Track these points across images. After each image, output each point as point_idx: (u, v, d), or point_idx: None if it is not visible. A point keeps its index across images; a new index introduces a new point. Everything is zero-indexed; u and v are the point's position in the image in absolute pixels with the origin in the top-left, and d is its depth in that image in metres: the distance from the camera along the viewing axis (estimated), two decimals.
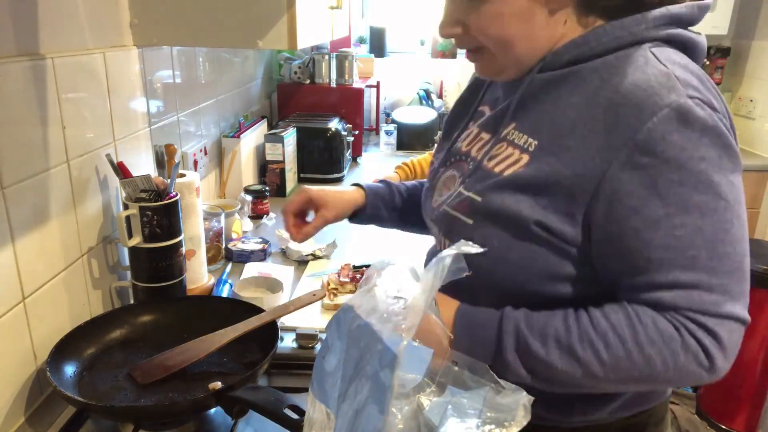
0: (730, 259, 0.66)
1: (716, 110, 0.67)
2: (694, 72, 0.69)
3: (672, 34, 0.72)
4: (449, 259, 0.61)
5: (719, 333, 0.65)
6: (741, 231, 0.68)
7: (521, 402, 0.59)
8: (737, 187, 0.67)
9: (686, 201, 0.65)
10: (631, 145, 0.65)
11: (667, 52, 0.71)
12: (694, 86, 0.67)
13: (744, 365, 2.37)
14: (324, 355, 0.69)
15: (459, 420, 0.59)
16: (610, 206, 0.67)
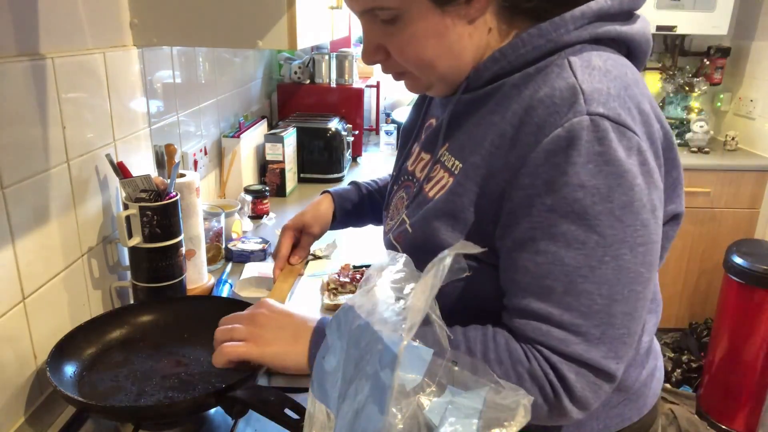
0: (590, 299, 0.61)
1: (627, 127, 0.61)
2: (616, 77, 0.63)
3: (597, 33, 0.66)
4: (449, 259, 0.61)
5: (565, 373, 0.62)
6: (615, 273, 0.61)
7: (521, 402, 0.59)
8: (627, 224, 0.60)
9: (553, 228, 0.61)
10: (521, 164, 0.63)
11: (588, 56, 0.65)
12: (602, 100, 0.61)
13: (744, 365, 2.37)
14: (324, 355, 0.69)
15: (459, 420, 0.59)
16: (501, 225, 0.66)
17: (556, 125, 0.61)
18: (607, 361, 0.62)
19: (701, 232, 2.79)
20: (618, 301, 0.61)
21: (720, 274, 2.46)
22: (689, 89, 3.00)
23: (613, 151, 0.60)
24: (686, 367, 2.74)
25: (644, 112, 0.64)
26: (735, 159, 2.80)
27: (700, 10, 2.72)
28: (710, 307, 2.80)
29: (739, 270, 2.29)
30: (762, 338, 2.30)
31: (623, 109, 0.61)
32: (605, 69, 0.64)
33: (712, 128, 3.09)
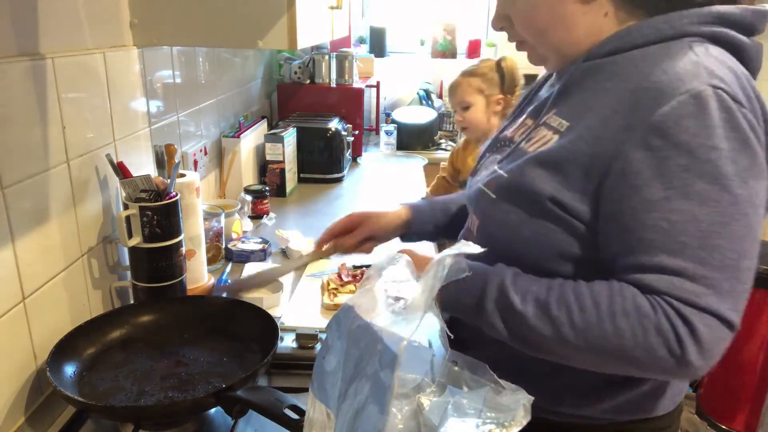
0: (722, 254, 0.65)
1: (742, 105, 0.66)
2: (730, 68, 0.69)
3: (717, 32, 0.71)
4: (449, 259, 0.61)
5: (696, 325, 0.64)
6: (744, 230, 0.65)
7: (521, 402, 0.59)
8: (751, 187, 0.65)
9: (688, 187, 0.65)
10: (646, 126, 0.66)
11: (708, 48, 0.70)
12: (720, 77, 0.66)
13: (744, 365, 2.37)
14: (324, 355, 0.69)
15: (459, 420, 0.59)
16: (617, 183, 0.68)
17: (680, 91, 0.66)
18: (732, 313, 0.65)
19: None
20: (745, 257, 0.66)
21: None
22: None
23: (736, 118, 0.65)
24: None
25: (751, 99, 0.69)
26: None
27: None
28: None
29: None
30: (762, 338, 2.29)
31: (738, 90, 0.67)
32: (722, 59, 0.70)
33: None
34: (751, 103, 0.68)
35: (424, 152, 2.80)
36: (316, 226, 1.76)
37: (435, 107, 3.01)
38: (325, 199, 2.09)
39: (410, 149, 2.82)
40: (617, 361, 0.67)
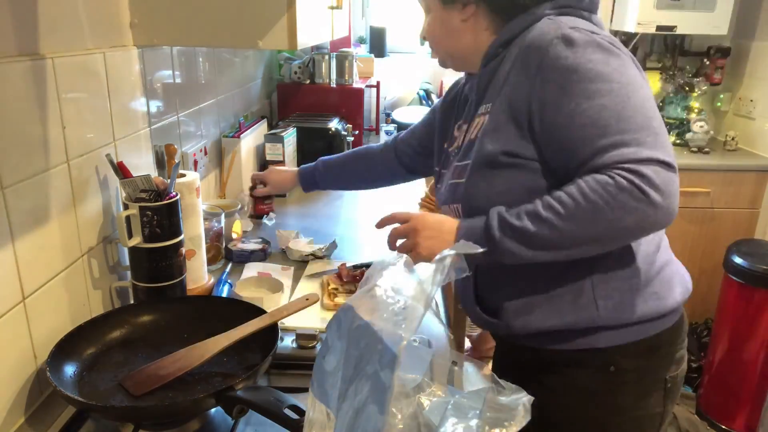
0: (635, 120, 0.82)
1: (596, 33, 0.87)
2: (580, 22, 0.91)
3: (564, 9, 0.95)
4: (449, 259, 0.61)
5: (644, 172, 0.79)
6: (641, 100, 0.84)
7: (521, 402, 0.59)
8: (627, 73, 0.85)
9: (587, 91, 0.83)
10: (537, 69, 0.87)
11: (561, 16, 0.93)
12: (573, 25, 0.88)
13: (744, 365, 2.37)
14: (324, 355, 0.69)
15: (459, 420, 0.59)
16: (540, 116, 0.88)
17: (550, 39, 0.87)
18: (666, 156, 0.81)
19: (701, 232, 2.79)
20: (652, 117, 0.84)
21: (720, 274, 2.46)
22: (689, 89, 3.00)
23: (596, 39, 0.86)
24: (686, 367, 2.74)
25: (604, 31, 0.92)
26: (735, 159, 2.80)
27: (700, 10, 2.72)
28: (710, 307, 2.80)
29: (739, 270, 2.29)
30: (762, 338, 2.29)
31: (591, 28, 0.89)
32: (573, 19, 0.92)
33: (712, 128, 3.09)
34: (602, 31, 0.90)
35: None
36: (316, 226, 1.77)
37: None
38: (325, 199, 2.09)
39: None
40: (608, 229, 0.82)
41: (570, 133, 0.85)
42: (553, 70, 0.86)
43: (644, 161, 0.80)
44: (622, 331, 0.94)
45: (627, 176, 0.80)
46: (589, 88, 0.83)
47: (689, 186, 2.72)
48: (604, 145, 0.82)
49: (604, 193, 0.80)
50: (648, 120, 0.83)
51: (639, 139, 0.81)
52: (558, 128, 0.86)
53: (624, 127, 0.82)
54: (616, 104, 0.82)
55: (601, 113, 0.82)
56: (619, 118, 0.82)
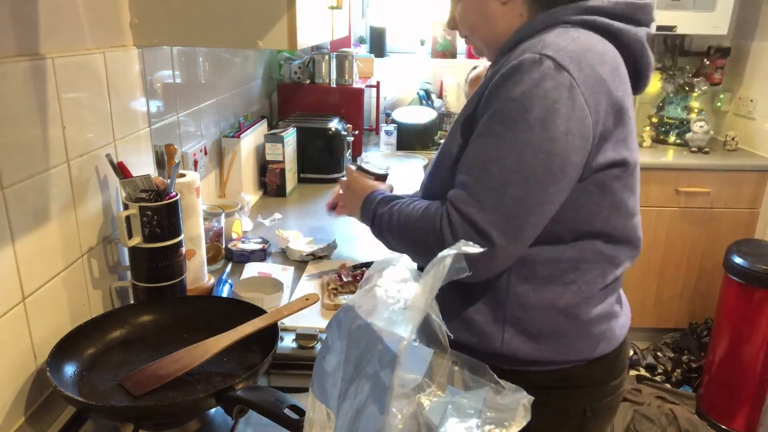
0: (492, 177, 0.82)
1: (565, 69, 0.80)
2: (580, 45, 0.84)
3: (585, 19, 0.88)
4: (449, 258, 0.61)
5: (456, 226, 0.83)
6: (515, 165, 0.81)
7: (521, 402, 0.59)
8: (536, 133, 0.80)
9: (491, 128, 0.83)
10: (490, 84, 0.85)
11: (571, 30, 0.87)
12: (555, 48, 0.82)
13: (744, 365, 2.37)
14: (324, 355, 0.69)
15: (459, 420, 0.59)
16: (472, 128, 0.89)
17: (514, 59, 0.83)
18: (492, 227, 0.82)
19: (701, 232, 2.79)
20: (512, 184, 0.81)
21: (720, 274, 2.46)
22: (689, 89, 3.00)
23: (546, 80, 0.80)
24: (686, 367, 2.74)
25: (595, 72, 0.83)
26: (735, 159, 2.80)
27: (700, 10, 2.72)
28: (710, 307, 2.80)
29: (739, 270, 2.29)
30: (762, 338, 2.29)
31: (571, 59, 0.81)
32: (576, 38, 0.85)
33: (712, 128, 3.09)
34: (592, 71, 0.82)
35: (424, 152, 2.80)
36: (316, 226, 1.77)
37: (435, 107, 3.01)
38: (325, 199, 2.08)
39: (410, 149, 2.81)
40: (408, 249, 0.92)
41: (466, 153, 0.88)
42: (491, 91, 0.85)
43: (463, 216, 0.83)
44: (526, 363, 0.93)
45: (442, 216, 0.85)
46: (493, 127, 0.83)
47: (689, 186, 2.72)
48: (459, 181, 0.86)
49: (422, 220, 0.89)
50: (503, 184, 0.82)
51: (479, 195, 0.83)
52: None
53: (478, 177, 0.83)
54: (495, 154, 0.82)
55: (479, 152, 0.85)
56: (482, 167, 0.83)
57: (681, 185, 2.72)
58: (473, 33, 1.01)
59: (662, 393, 2.54)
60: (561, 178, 0.83)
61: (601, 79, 0.83)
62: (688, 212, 2.76)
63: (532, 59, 0.81)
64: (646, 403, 2.42)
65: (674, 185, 2.72)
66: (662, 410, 2.36)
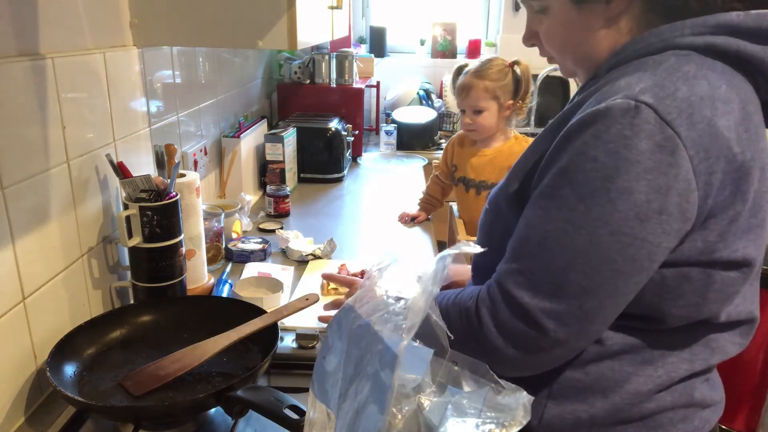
0: (552, 257, 0.65)
1: (670, 125, 0.60)
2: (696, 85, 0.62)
3: (713, 43, 0.65)
4: (449, 258, 0.61)
5: (499, 310, 0.67)
6: (584, 245, 0.63)
7: (521, 402, 0.59)
8: (617, 209, 0.61)
9: (555, 188, 0.65)
10: (562, 131, 0.67)
11: (686, 60, 0.64)
12: (659, 95, 0.61)
13: (744, 365, 2.37)
14: (325, 355, 0.69)
15: (459, 420, 0.59)
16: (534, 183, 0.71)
17: (602, 102, 0.63)
18: (547, 317, 0.65)
19: None
20: (576, 270, 0.63)
21: None
22: None
23: (639, 139, 0.60)
24: None
25: (713, 126, 0.61)
26: None
27: None
28: None
29: None
30: (762, 338, 2.29)
31: (680, 110, 0.60)
32: (692, 75, 0.63)
33: None
34: (708, 126, 0.61)
35: (424, 152, 2.80)
36: (316, 226, 1.77)
37: (435, 107, 3.01)
38: (325, 199, 2.09)
39: (410, 149, 2.82)
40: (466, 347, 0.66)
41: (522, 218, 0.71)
42: (563, 140, 0.66)
43: (511, 296, 0.66)
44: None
45: (480, 296, 0.70)
46: (561, 190, 0.65)
47: None
48: (509, 253, 0.70)
49: (453, 309, 0.73)
50: (566, 267, 0.64)
51: (534, 277, 0.65)
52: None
53: (535, 256, 0.66)
54: (557, 227, 0.65)
55: (537, 222, 0.67)
56: (541, 242, 0.66)
57: None
58: (565, 55, 0.80)
59: None
60: (647, 267, 0.64)
61: (716, 136, 0.61)
62: None
63: (625, 107, 0.61)
64: None
65: None
66: None
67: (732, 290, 0.70)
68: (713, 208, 0.64)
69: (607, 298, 0.65)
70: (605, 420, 0.73)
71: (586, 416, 0.73)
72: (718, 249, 0.66)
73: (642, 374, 0.72)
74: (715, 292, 0.69)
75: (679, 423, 0.75)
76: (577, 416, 0.73)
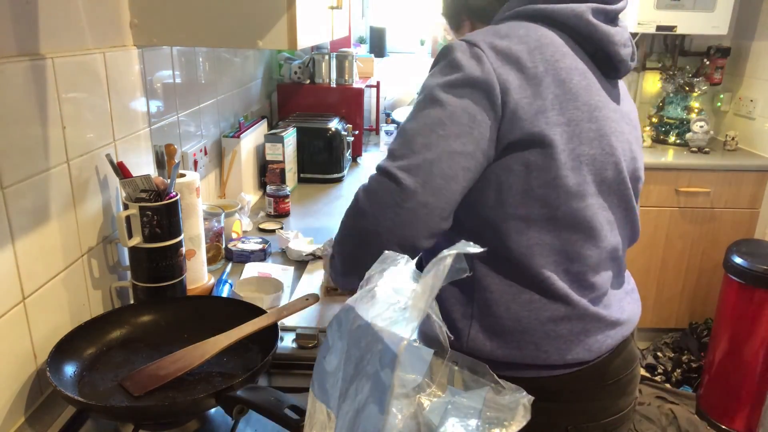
0: (405, 134, 0.85)
1: (476, 45, 0.85)
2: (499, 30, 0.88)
3: (519, 11, 0.93)
4: (449, 258, 0.61)
5: (369, 180, 0.86)
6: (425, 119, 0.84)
7: (521, 402, 0.59)
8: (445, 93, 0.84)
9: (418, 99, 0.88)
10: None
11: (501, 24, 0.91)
12: (472, 36, 0.87)
13: (744, 365, 2.37)
14: (325, 355, 0.69)
15: (459, 420, 0.59)
16: None
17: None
18: (399, 170, 0.83)
19: (701, 232, 2.79)
20: (420, 134, 0.84)
21: (720, 274, 2.46)
22: (689, 89, 3.00)
23: (456, 53, 0.86)
24: (686, 367, 2.74)
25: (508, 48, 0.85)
26: (735, 159, 2.80)
27: (700, 10, 2.72)
28: (710, 307, 2.80)
29: (739, 270, 2.29)
30: (762, 338, 2.29)
31: (483, 40, 0.86)
32: (499, 28, 0.89)
33: (712, 128, 3.09)
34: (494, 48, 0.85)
35: None
36: (316, 226, 1.77)
37: None
38: (325, 199, 2.09)
39: None
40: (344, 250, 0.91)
41: None
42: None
43: (378, 169, 0.86)
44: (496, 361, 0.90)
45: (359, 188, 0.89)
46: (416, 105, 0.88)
47: (689, 186, 2.72)
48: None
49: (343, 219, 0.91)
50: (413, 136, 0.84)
51: (393, 150, 0.86)
52: None
53: (395, 140, 0.87)
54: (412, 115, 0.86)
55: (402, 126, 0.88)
56: (400, 132, 0.87)
57: (681, 185, 2.72)
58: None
59: (662, 393, 2.54)
60: (471, 132, 0.83)
61: (513, 55, 0.84)
62: (688, 212, 2.76)
63: (447, 46, 0.88)
64: (646, 403, 2.42)
65: (674, 185, 2.72)
66: (662, 410, 2.37)
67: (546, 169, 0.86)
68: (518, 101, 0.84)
69: (444, 153, 0.83)
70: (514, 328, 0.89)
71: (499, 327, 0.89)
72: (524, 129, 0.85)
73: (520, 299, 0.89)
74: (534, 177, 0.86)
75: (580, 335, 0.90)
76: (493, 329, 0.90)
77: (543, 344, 0.88)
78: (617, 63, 0.93)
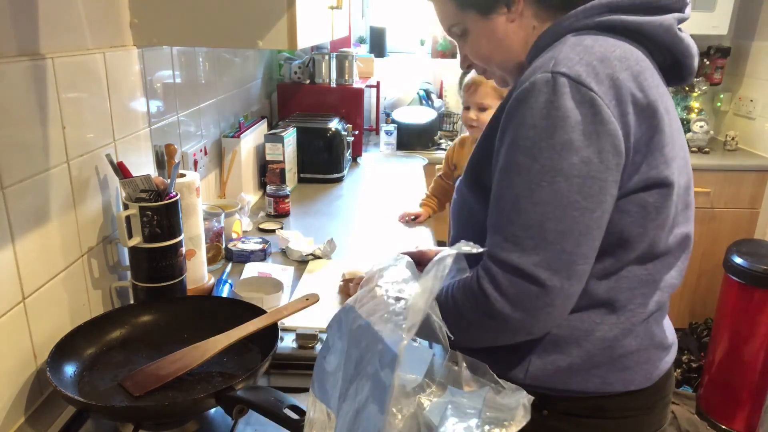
0: (527, 216, 0.74)
1: (583, 84, 0.73)
2: (595, 52, 0.76)
3: (602, 21, 0.80)
4: (450, 259, 0.61)
5: (498, 278, 0.74)
6: (550, 196, 0.73)
7: (521, 402, 0.59)
8: (564, 158, 0.73)
9: (510, 160, 0.76)
10: (503, 112, 0.79)
11: (584, 37, 0.79)
12: (567, 64, 0.74)
13: (744, 365, 2.37)
14: (325, 355, 0.69)
15: (459, 420, 0.59)
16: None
17: (526, 81, 0.76)
18: (539, 269, 0.73)
19: (701, 232, 2.79)
20: (551, 219, 0.73)
21: (720, 274, 2.46)
22: (689, 89, 3.00)
23: (563, 100, 0.73)
24: (686, 367, 2.74)
25: (615, 79, 0.75)
26: (735, 159, 2.80)
27: (700, 10, 2.72)
28: (710, 307, 2.80)
29: (739, 270, 2.29)
30: (762, 338, 2.29)
31: (587, 72, 0.74)
32: (590, 46, 0.77)
33: (712, 128, 3.09)
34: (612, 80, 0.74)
35: (424, 152, 2.80)
36: (316, 226, 1.77)
37: (435, 107, 3.01)
38: (325, 199, 2.09)
39: (410, 149, 2.81)
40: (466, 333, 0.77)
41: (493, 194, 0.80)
42: (506, 120, 0.78)
43: (505, 264, 0.74)
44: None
45: (480, 277, 0.76)
46: (515, 158, 0.75)
47: None
48: (491, 225, 0.78)
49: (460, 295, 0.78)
50: (542, 221, 0.73)
51: (517, 238, 0.74)
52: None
53: (512, 219, 0.75)
54: (522, 189, 0.74)
55: (504, 192, 0.76)
56: (514, 206, 0.75)
57: None
58: (489, 63, 0.94)
59: None
60: (603, 201, 0.75)
61: (620, 86, 0.75)
62: None
63: (544, 79, 0.74)
64: None
65: None
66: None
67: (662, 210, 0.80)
68: (637, 142, 0.76)
69: (580, 235, 0.74)
70: (581, 366, 0.83)
71: (565, 364, 0.83)
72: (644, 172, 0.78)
73: (606, 323, 0.83)
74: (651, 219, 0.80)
75: (644, 364, 0.86)
76: (557, 365, 0.83)
77: (609, 377, 0.84)
78: (687, 75, 0.88)
